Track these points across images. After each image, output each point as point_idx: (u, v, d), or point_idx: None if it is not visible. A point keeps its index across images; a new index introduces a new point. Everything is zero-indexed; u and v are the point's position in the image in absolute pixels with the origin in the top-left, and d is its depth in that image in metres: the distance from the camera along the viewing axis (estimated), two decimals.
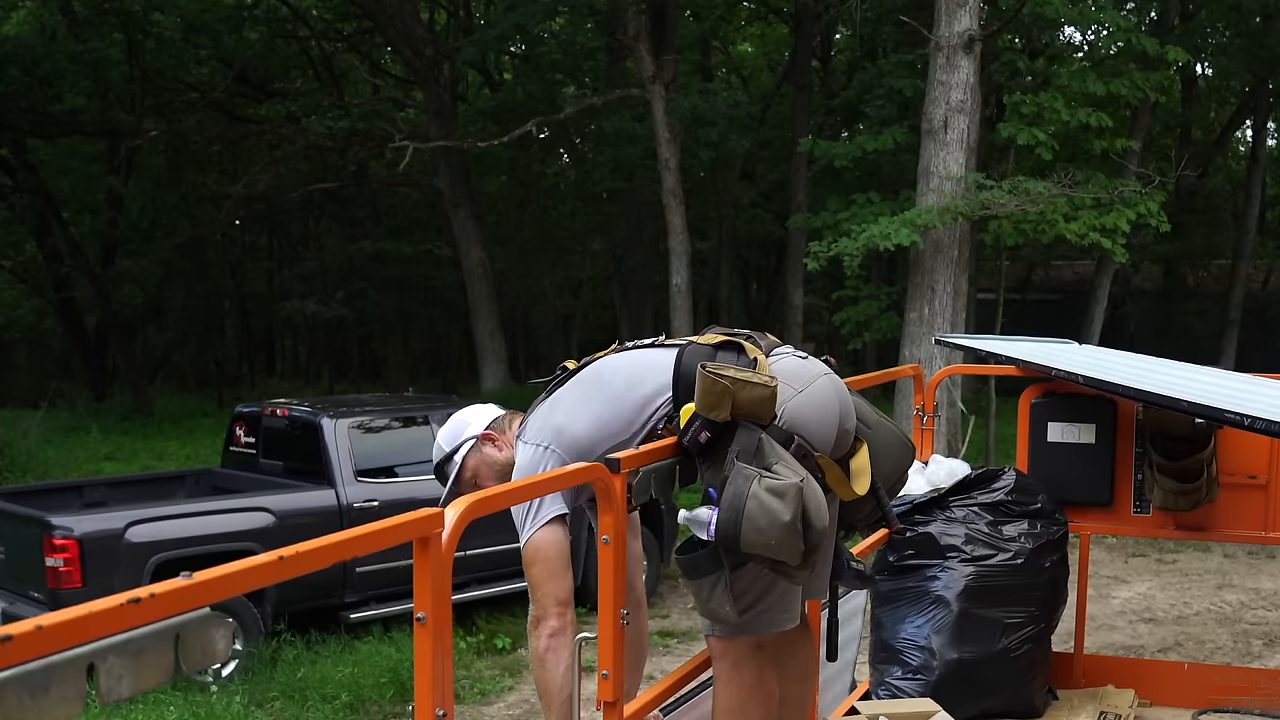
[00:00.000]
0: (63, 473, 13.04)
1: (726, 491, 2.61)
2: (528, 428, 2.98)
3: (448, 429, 3.17)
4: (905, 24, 13.40)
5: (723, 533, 2.60)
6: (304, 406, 8.57)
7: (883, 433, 3.09)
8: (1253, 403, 3.58)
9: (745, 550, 2.60)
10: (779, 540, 2.58)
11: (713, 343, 2.92)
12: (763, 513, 2.56)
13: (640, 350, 3.03)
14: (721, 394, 2.67)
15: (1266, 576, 9.57)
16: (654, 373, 2.91)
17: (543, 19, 17.29)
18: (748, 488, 2.59)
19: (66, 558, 6.59)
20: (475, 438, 3.12)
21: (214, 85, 20.81)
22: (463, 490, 3.03)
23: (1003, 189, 11.65)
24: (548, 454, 2.87)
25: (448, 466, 3.12)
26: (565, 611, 2.81)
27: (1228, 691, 4.90)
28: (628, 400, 2.90)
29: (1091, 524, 4.95)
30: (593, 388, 2.95)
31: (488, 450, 3.11)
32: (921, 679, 4.39)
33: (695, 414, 2.71)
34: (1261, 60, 18.99)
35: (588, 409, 2.91)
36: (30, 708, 1.32)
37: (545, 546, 2.82)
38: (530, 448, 2.91)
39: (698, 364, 2.77)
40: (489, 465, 3.09)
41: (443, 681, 1.96)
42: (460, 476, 3.10)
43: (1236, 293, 20.86)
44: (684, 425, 2.72)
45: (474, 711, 6.76)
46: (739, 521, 2.57)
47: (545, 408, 2.98)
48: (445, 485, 3.12)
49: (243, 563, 1.62)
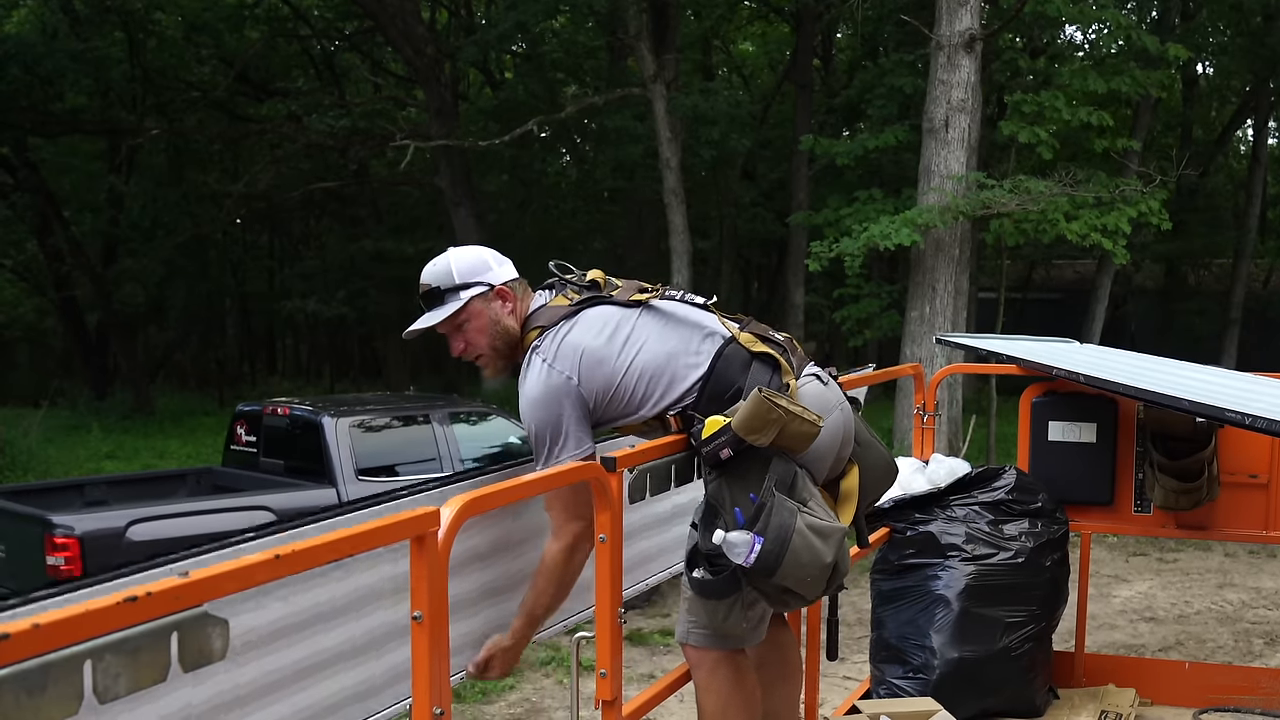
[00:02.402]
0: (64, 471, 13.04)
1: (771, 523, 2.57)
2: (550, 346, 2.77)
3: (466, 259, 2.87)
4: (906, 23, 13.39)
5: (763, 563, 2.56)
6: (305, 406, 8.56)
7: (871, 453, 3.05)
8: (1254, 402, 3.57)
9: (778, 581, 2.59)
10: (814, 578, 2.63)
11: (752, 349, 2.81)
12: (807, 549, 2.58)
13: (683, 326, 2.88)
14: (772, 423, 2.60)
15: (1267, 575, 9.56)
16: (689, 366, 2.80)
17: (544, 18, 17.28)
18: (794, 522, 2.58)
19: (67, 556, 6.59)
20: (492, 286, 2.85)
21: (215, 84, 20.82)
22: (445, 333, 2.84)
23: (1004, 188, 11.64)
24: (568, 388, 2.72)
25: (448, 297, 2.82)
26: (586, 542, 2.70)
27: (1229, 690, 4.90)
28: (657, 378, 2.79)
29: (1092, 523, 4.95)
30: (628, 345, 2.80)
31: (495, 306, 2.84)
32: (922, 678, 4.39)
33: (726, 429, 2.62)
34: (1262, 59, 18.97)
35: (618, 365, 2.77)
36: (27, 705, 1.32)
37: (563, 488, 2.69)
38: (552, 372, 2.74)
39: (743, 375, 2.72)
40: (491, 322, 2.83)
41: (440, 680, 1.96)
42: (455, 317, 2.82)
43: (1237, 292, 20.84)
44: (707, 435, 2.64)
45: (474, 710, 6.75)
46: (782, 555, 2.55)
47: (575, 332, 2.79)
48: (427, 314, 2.83)
49: (239, 561, 1.61)
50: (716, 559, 2.65)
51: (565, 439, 2.70)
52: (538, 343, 2.78)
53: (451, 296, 2.81)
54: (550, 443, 2.70)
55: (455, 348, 2.87)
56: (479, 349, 2.85)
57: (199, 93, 21.15)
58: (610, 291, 2.91)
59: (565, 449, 2.70)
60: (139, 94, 20.81)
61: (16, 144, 19.30)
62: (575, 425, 2.71)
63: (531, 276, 3.00)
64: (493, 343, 2.83)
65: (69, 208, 21.40)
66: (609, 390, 2.76)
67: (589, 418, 2.75)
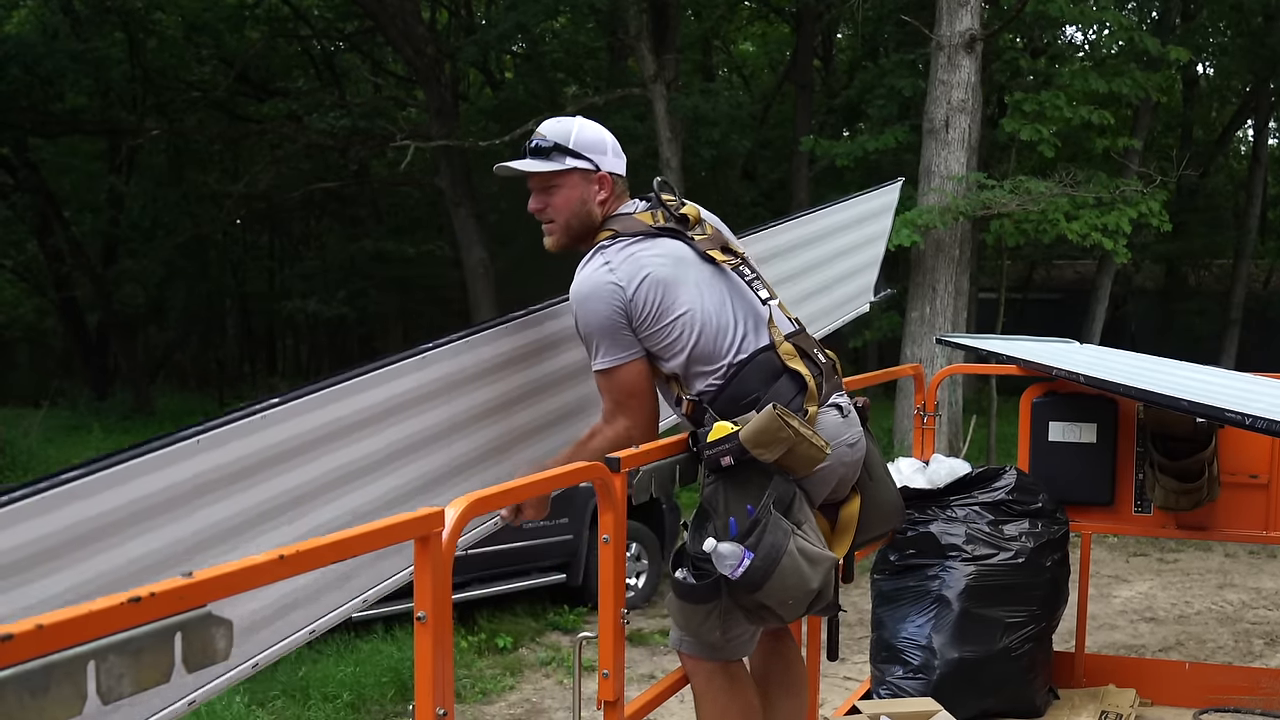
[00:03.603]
0: None
1: (764, 540, 2.56)
2: (618, 253, 2.76)
3: (589, 132, 2.85)
4: (906, 23, 13.39)
5: (749, 579, 2.56)
6: None
7: (881, 489, 3.02)
8: (1254, 402, 3.58)
9: (759, 598, 2.58)
10: (795, 601, 2.63)
11: (787, 363, 2.77)
12: (794, 572, 2.58)
13: (740, 308, 2.82)
14: (780, 442, 2.58)
15: (1268, 576, 9.57)
16: (727, 349, 2.76)
17: (544, 18, 17.28)
18: (786, 544, 2.57)
19: None
20: (598, 169, 2.82)
21: (215, 84, 20.80)
22: (533, 187, 2.82)
23: (1004, 188, 11.64)
24: (619, 296, 2.70)
25: (555, 155, 2.79)
26: (630, 438, 2.72)
27: (1229, 691, 4.90)
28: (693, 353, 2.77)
29: (1092, 523, 4.95)
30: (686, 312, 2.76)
31: (592, 189, 2.82)
32: (922, 678, 4.39)
33: (732, 436, 2.61)
34: (1263, 60, 18.97)
35: (671, 303, 2.74)
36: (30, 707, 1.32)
37: (622, 377, 2.74)
38: (610, 275, 2.72)
39: (766, 386, 2.70)
40: (579, 201, 2.81)
41: (443, 681, 1.96)
42: (552, 176, 2.79)
43: (1238, 292, 20.84)
44: (713, 439, 2.64)
45: (475, 711, 6.76)
46: (770, 573, 2.55)
47: (647, 254, 2.76)
48: (529, 159, 2.80)
49: (243, 562, 1.62)
50: (702, 564, 2.65)
51: (607, 342, 2.73)
52: (608, 243, 2.78)
53: (559, 156, 2.80)
54: (595, 340, 2.74)
55: (534, 204, 2.85)
56: (554, 217, 2.83)
57: (199, 93, 21.14)
58: (694, 234, 2.87)
59: (607, 351, 2.73)
60: (139, 94, 20.80)
61: (17, 144, 19.30)
62: (618, 331, 2.73)
63: (533, 276, 3.03)
64: (570, 219, 2.83)
65: (69, 208, 21.39)
66: (653, 321, 2.74)
67: (632, 332, 2.74)
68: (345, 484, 2.51)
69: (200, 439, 2.23)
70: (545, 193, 2.83)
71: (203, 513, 2.24)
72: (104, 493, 2.08)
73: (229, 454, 2.27)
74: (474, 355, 2.80)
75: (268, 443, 2.35)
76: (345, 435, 2.50)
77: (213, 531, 2.27)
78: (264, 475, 2.34)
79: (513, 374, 2.92)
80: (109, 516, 2.09)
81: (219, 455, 2.25)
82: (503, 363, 2.88)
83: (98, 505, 2.07)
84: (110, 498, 2.09)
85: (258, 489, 2.34)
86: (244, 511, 2.32)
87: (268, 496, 2.36)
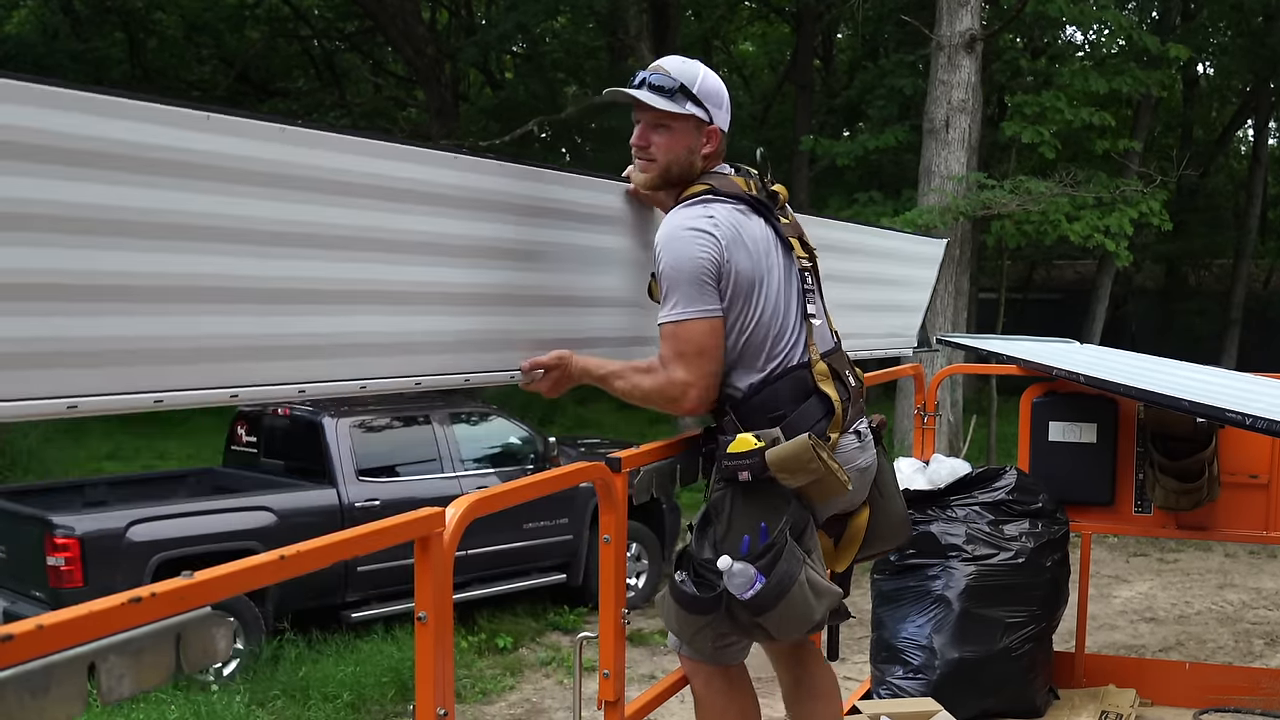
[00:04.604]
0: (64, 472, 13.03)
1: (778, 567, 2.54)
2: (722, 208, 2.67)
3: (712, 84, 2.76)
4: (907, 23, 13.39)
5: (757, 603, 2.54)
6: (305, 406, 8.57)
7: (891, 505, 2.99)
8: (1254, 402, 3.58)
9: (759, 619, 2.58)
10: (795, 628, 2.64)
11: (819, 384, 2.71)
12: (802, 602, 2.57)
13: (793, 310, 2.75)
14: (808, 473, 2.55)
15: (1268, 576, 9.57)
16: (774, 349, 2.69)
17: (544, 18, 17.28)
18: (798, 573, 2.56)
19: (68, 557, 6.59)
20: (712, 122, 2.74)
21: (216, 84, 20.81)
22: (640, 119, 2.73)
23: (1004, 188, 11.65)
24: (718, 247, 2.59)
25: (677, 97, 2.68)
26: (684, 394, 2.60)
27: (1229, 691, 4.90)
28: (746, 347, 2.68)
29: (1093, 523, 4.95)
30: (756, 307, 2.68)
31: (700, 140, 2.73)
32: (923, 678, 4.39)
33: (757, 453, 2.56)
34: (1263, 60, 18.98)
35: (754, 275, 2.66)
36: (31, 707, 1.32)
37: (694, 331, 2.59)
38: (711, 226, 2.61)
39: (794, 405, 2.66)
40: (686, 148, 2.72)
41: (444, 681, 1.96)
42: (667, 115, 2.69)
43: (1238, 292, 20.85)
44: (735, 450, 2.57)
45: (475, 711, 6.76)
46: (779, 600, 2.54)
47: (745, 221, 2.68)
48: (648, 91, 2.68)
49: (244, 562, 1.62)
50: (706, 573, 2.62)
51: (690, 291, 2.58)
52: (709, 196, 2.68)
53: (680, 99, 2.69)
54: (676, 286, 2.59)
55: (640, 138, 2.75)
56: (656, 156, 2.74)
57: (199, 93, 21.13)
58: (780, 215, 2.80)
59: (687, 301, 2.58)
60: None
61: None
62: (704, 283, 2.58)
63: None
64: (670, 163, 2.73)
65: None
66: (734, 294, 2.63)
67: (716, 289, 2.61)
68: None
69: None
70: (654, 129, 2.72)
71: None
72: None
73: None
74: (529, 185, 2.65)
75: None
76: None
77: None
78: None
79: (550, 229, 2.72)
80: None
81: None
82: (539, 210, 2.71)
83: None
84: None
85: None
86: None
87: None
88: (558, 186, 2.70)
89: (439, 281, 2.40)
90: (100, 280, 1.78)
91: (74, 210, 1.72)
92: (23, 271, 1.67)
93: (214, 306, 1.94)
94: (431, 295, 2.39)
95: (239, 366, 2.00)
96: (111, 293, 1.80)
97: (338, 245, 2.14)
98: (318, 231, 2.10)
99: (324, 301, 2.14)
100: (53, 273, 1.71)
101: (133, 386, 1.85)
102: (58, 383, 1.75)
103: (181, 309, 1.89)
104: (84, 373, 1.78)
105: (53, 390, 1.74)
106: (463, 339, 2.47)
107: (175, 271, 1.87)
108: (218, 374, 1.96)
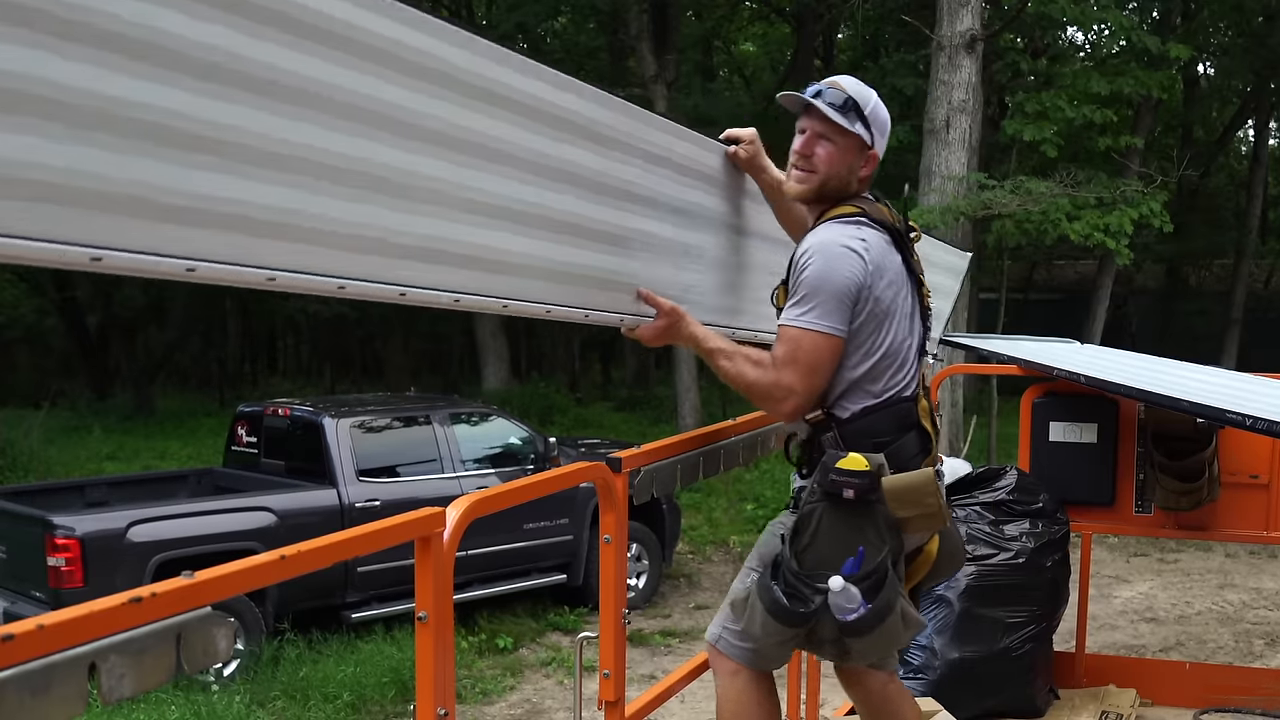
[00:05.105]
0: (64, 472, 13.04)
1: (881, 595, 2.53)
2: (873, 233, 2.69)
3: (882, 114, 2.81)
4: (907, 23, 13.40)
5: (854, 628, 2.52)
6: (306, 406, 8.57)
7: (955, 538, 3.00)
8: (1254, 403, 3.58)
9: (848, 641, 2.56)
10: (877, 653, 2.65)
11: (921, 420, 2.74)
12: (893, 631, 2.58)
13: (914, 346, 2.80)
14: (923, 507, 2.57)
15: (1268, 576, 9.57)
16: (895, 378, 2.72)
17: (545, 18, 17.28)
18: (896, 602, 2.57)
19: (68, 557, 6.60)
20: (872, 147, 2.77)
21: None
22: (808, 128, 2.74)
23: (1005, 189, 11.65)
24: (864, 271, 2.61)
25: (849, 115, 2.71)
26: (785, 400, 2.61)
27: (1229, 691, 4.90)
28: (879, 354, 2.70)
29: (1093, 523, 4.95)
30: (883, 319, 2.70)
31: (859, 160, 2.77)
32: (923, 678, 4.39)
33: (868, 476, 2.54)
34: (1263, 60, 18.98)
35: (888, 308, 2.68)
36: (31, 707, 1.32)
37: (815, 344, 2.59)
38: (862, 248, 2.63)
39: (898, 436, 2.67)
40: (845, 165, 2.74)
41: (444, 681, 1.96)
42: (836, 127, 2.71)
43: (1238, 292, 20.86)
44: (844, 468, 2.54)
45: (475, 711, 6.76)
46: (874, 625, 2.53)
47: (890, 250, 2.72)
48: (822, 103, 2.71)
49: (244, 562, 1.62)
50: (800, 587, 2.56)
51: (827, 304, 2.59)
52: (862, 219, 2.71)
53: (852, 116, 2.73)
54: (814, 295, 2.60)
55: (804, 145, 2.76)
56: (819, 167, 2.74)
57: None
58: (913, 250, 2.83)
59: (821, 313, 2.59)
60: None
61: None
62: (843, 302, 2.61)
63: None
64: (830, 176, 2.75)
65: None
66: (868, 320, 2.65)
67: (851, 313, 2.63)
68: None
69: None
70: (818, 140, 2.74)
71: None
72: None
73: None
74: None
75: None
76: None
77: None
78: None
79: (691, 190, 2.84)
80: None
81: None
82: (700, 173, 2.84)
83: None
84: None
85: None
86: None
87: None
88: (670, 137, 2.76)
89: (580, 214, 2.45)
90: (338, 163, 1.81)
91: (338, 94, 1.79)
92: (288, 144, 1.71)
93: (404, 204, 1.97)
94: (570, 226, 2.43)
95: (411, 266, 2.00)
96: (350, 177, 1.83)
97: (515, 165, 2.20)
98: (502, 149, 2.16)
99: (492, 216, 2.17)
100: (308, 148, 1.75)
101: (324, 269, 1.84)
102: (269, 255, 1.75)
103: (378, 200, 1.91)
104: (282, 246, 1.77)
105: (257, 259, 1.73)
106: (588, 274, 2.49)
107: (382, 162, 1.91)
108: (391, 270, 1.97)
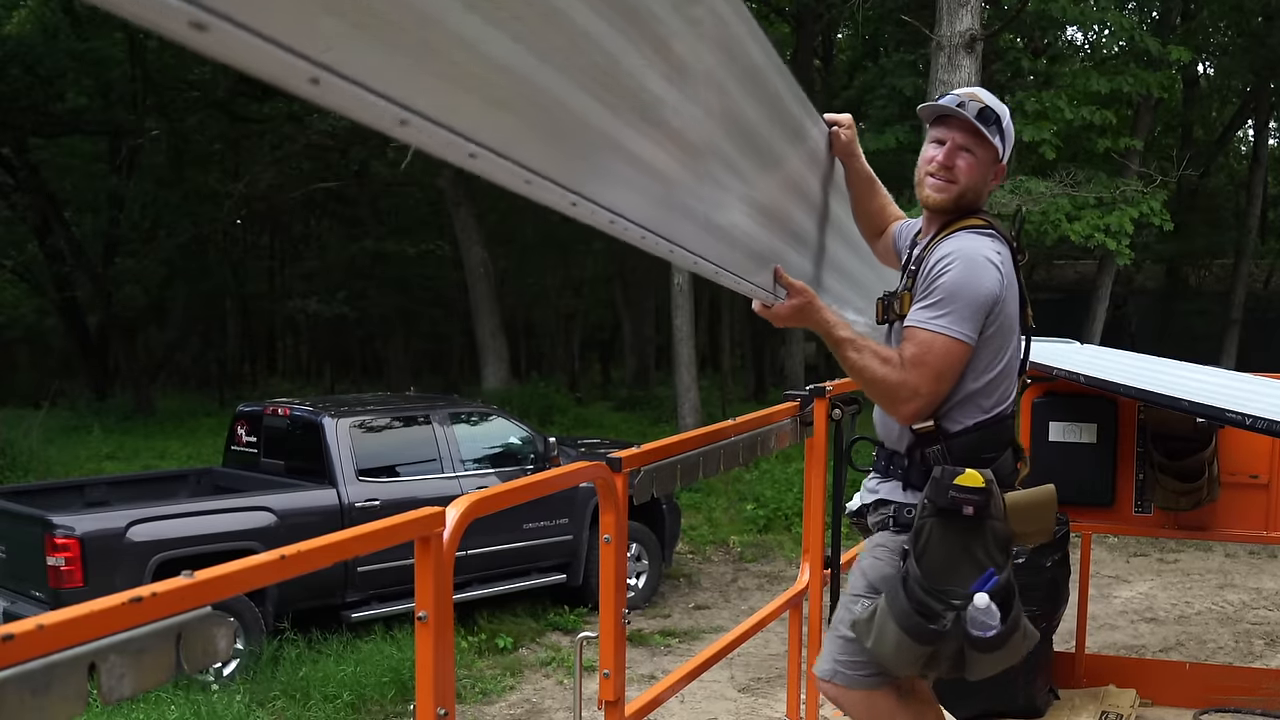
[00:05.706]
0: (64, 472, 13.04)
1: (1013, 612, 2.54)
2: (1006, 250, 2.73)
3: (1012, 130, 2.89)
4: (907, 23, 13.39)
5: (987, 645, 2.52)
6: (305, 406, 8.57)
7: None
8: (1254, 402, 3.58)
9: (976, 655, 2.55)
10: (993, 669, 2.64)
11: (1017, 436, 2.80)
12: (1016, 648, 2.60)
13: (1016, 369, 2.79)
14: (1042, 526, 2.58)
15: (1268, 576, 9.56)
16: (1001, 393, 2.72)
17: None
18: (1023, 620, 2.59)
19: (68, 557, 6.59)
20: (1002, 161, 2.83)
21: (216, 84, 20.80)
22: (949, 137, 2.77)
23: (1004, 188, 11.64)
24: (999, 286, 2.63)
25: (991, 128, 2.76)
26: (909, 402, 2.60)
27: (1229, 691, 4.90)
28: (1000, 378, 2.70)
29: (1093, 523, 4.95)
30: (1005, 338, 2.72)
31: (990, 173, 2.82)
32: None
33: (986, 493, 2.53)
34: (1263, 60, 18.99)
35: (1002, 328, 2.68)
36: (31, 706, 1.32)
37: (947, 349, 2.59)
38: (998, 262, 2.66)
39: (999, 453, 2.67)
40: (981, 176, 2.79)
41: (444, 681, 1.96)
42: (981, 139, 2.74)
43: (1238, 292, 20.85)
44: (962, 484, 2.54)
45: (475, 711, 6.76)
46: (1005, 641, 2.54)
47: (1011, 268, 2.73)
48: (968, 114, 2.75)
49: (244, 562, 1.62)
50: (930, 604, 2.53)
51: (965, 312, 2.60)
52: (995, 233, 2.75)
53: (994, 130, 2.77)
54: (952, 301, 2.60)
55: (946, 157, 2.78)
56: (959, 178, 2.77)
57: (199, 92, 21.13)
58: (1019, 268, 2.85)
59: (958, 319, 2.59)
60: (139, 94, 20.79)
61: (17, 144, 19.30)
62: (978, 313, 2.61)
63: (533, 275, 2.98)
64: (969, 188, 2.78)
65: (69, 208, 21.38)
66: (994, 335, 2.66)
67: (983, 324, 2.64)
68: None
69: None
70: (961, 151, 2.77)
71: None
72: None
73: None
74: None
75: None
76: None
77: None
78: None
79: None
80: None
81: None
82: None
83: None
84: None
85: None
86: None
87: None
88: (810, 121, 2.79)
89: (780, 202, 2.53)
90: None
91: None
92: None
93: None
94: (769, 210, 2.46)
95: (659, 213, 1.90)
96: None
97: (736, 132, 2.18)
98: (729, 110, 2.11)
99: (742, 201, 2.24)
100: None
101: (623, 210, 1.73)
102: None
103: (650, 136, 1.78)
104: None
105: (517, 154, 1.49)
106: (749, 246, 2.45)
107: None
108: (647, 215, 1.84)
